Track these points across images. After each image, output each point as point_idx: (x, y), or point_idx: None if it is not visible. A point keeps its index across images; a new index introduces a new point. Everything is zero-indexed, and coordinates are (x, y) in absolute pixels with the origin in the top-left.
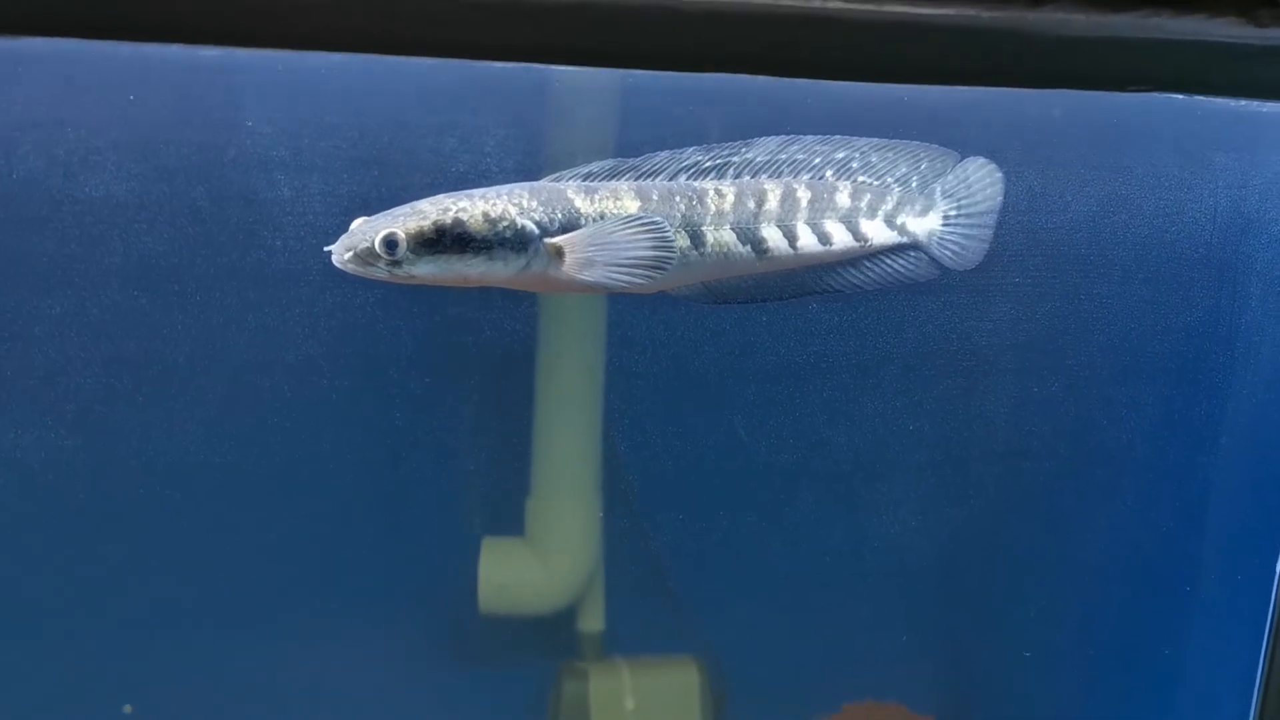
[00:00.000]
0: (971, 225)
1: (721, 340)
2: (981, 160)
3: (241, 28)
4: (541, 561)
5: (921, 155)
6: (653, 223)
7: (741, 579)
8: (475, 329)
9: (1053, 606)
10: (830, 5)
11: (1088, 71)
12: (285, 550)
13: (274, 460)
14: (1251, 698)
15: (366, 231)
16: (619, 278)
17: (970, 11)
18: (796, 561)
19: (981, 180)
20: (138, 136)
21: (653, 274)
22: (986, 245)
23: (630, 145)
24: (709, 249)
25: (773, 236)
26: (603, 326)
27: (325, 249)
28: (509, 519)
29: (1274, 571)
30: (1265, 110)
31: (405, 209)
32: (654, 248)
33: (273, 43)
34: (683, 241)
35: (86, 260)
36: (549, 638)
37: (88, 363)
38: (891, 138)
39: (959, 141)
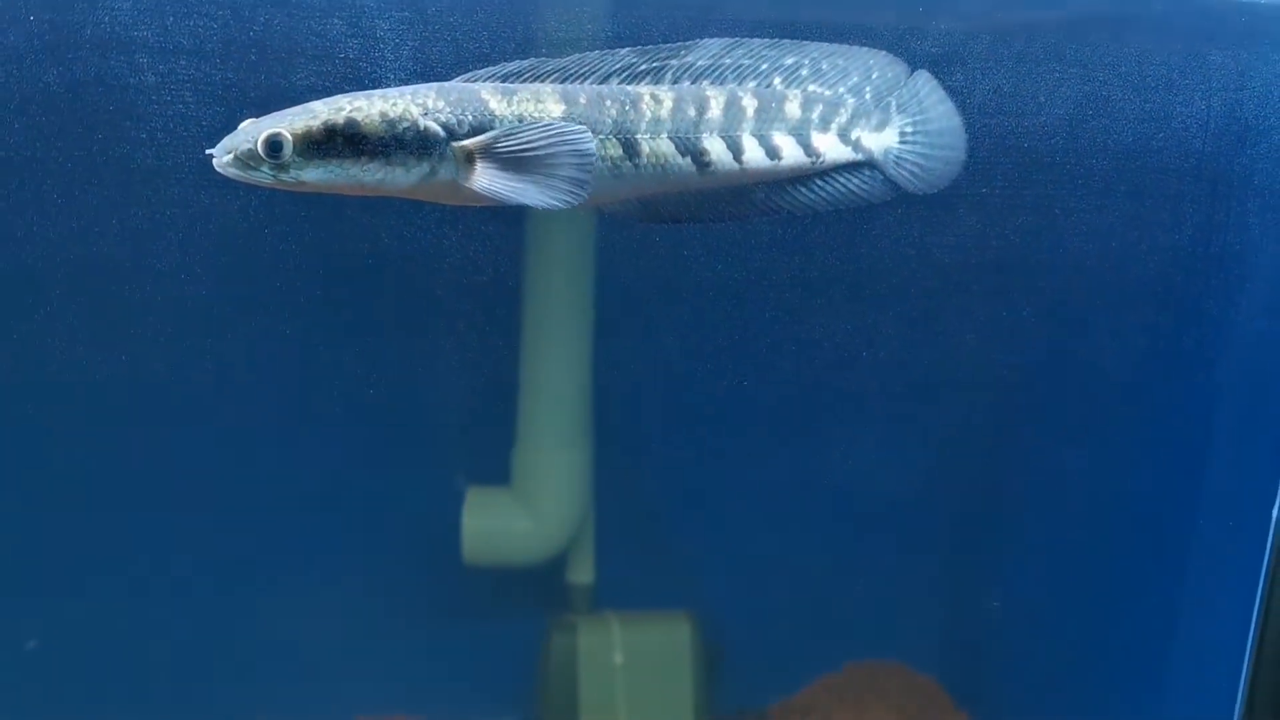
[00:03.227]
0: (930, 144)
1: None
2: (926, 75)
3: None
4: (528, 510)
5: (872, 64)
6: (573, 133)
7: (738, 533)
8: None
9: (1036, 554)
10: None
11: None
12: (256, 501)
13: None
14: (1247, 639)
15: (250, 132)
16: (533, 193)
17: None
18: (789, 516)
19: (931, 96)
20: None
21: (572, 193)
22: (951, 169)
23: (555, 43)
24: (644, 160)
25: (715, 148)
26: (592, 261)
27: (206, 151)
28: (495, 469)
29: (1273, 503)
30: (1264, 1)
31: (297, 109)
32: (574, 165)
33: None
34: (614, 151)
35: None
36: (538, 590)
37: None
38: (846, 41)
39: (921, 36)
